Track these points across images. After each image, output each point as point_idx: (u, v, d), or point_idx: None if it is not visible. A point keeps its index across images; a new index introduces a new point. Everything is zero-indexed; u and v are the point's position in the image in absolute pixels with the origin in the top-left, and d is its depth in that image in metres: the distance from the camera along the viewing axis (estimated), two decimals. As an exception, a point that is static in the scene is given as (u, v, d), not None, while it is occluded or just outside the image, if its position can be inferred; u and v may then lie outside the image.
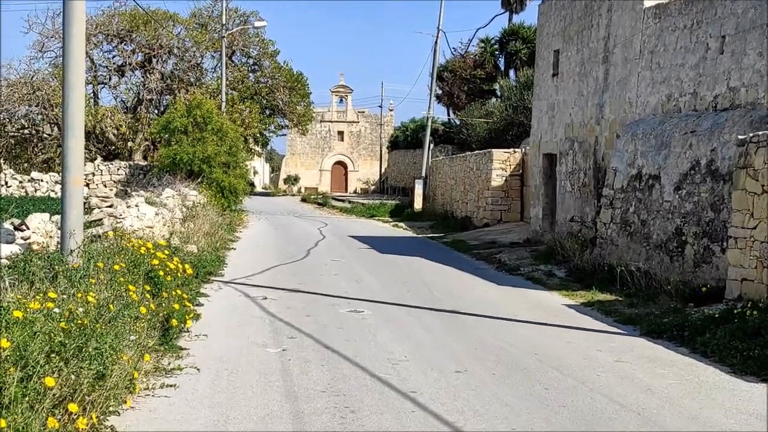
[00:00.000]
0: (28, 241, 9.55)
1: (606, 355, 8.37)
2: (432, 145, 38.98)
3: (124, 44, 37.80)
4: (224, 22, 36.02)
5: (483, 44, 43.39)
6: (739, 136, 10.27)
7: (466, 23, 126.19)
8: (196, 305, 10.47)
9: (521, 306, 11.52)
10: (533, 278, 14.40)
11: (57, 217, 10.06)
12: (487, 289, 13.21)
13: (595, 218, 15.40)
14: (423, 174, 36.44)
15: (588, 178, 16.96)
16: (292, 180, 68.41)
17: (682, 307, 10.55)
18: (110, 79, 38.36)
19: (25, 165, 36.57)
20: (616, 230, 13.87)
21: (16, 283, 6.84)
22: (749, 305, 8.94)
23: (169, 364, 7.38)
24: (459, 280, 14.54)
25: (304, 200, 52.67)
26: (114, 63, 38.10)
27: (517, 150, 26.12)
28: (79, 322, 5.73)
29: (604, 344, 8.92)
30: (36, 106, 35.73)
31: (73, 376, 5.18)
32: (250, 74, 42.45)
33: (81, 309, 6.18)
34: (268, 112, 43.53)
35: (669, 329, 9.34)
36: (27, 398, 4.69)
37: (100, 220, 12.34)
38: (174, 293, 9.04)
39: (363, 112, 72.72)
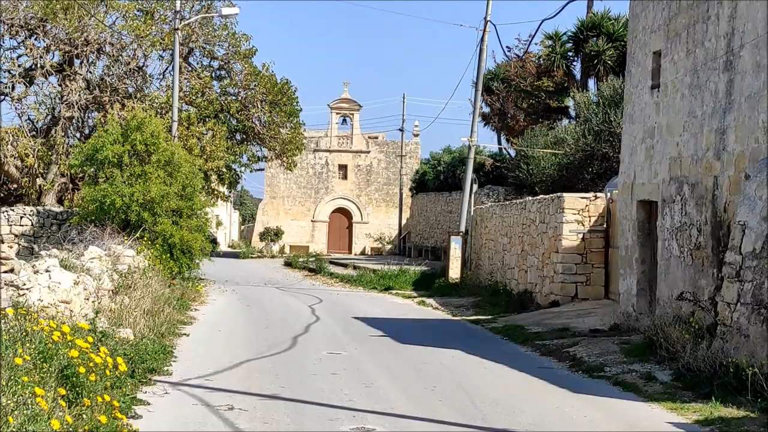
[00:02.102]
0: None
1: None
2: (476, 187, 39.10)
3: (35, 39, 38.35)
4: (178, 8, 36.49)
5: (550, 42, 43.71)
6: None
7: (525, 13, 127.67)
8: (131, 417, 10.44)
9: (606, 424, 11.40)
10: (624, 383, 14.29)
11: (-66, 287, 10.10)
12: (557, 399, 13.10)
13: (714, 296, 15.29)
14: (462, 228, 36.45)
15: (704, 236, 16.90)
16: (272, 235, 68.66)
17: None
18: (13, 88, 38.77)
19: None
20: (746, 314, 13.77)
21: None
22: None
23: (92, 504, 7.35)
24: (514, 384, 14.43)
25: (289, 264, 52.70)
26: (20, 65, 38.62)
27: (599, 195, 26.12)
28: (-36, 441, 5.73)
29: (730, 483, 8.82)
30: None
31: None
32: (215, 83, 42.83)
33: (-34, 422, 6.18)
34: (239, 136, 43.81)
35: (826, 462, 9.22)
36: None
37: (-4, 291, 12.38)
38: (100, 399, 9.02)
39: (376, 137, 73.16)
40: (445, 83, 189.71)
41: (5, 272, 14.70)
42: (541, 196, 29.73)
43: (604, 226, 25.50)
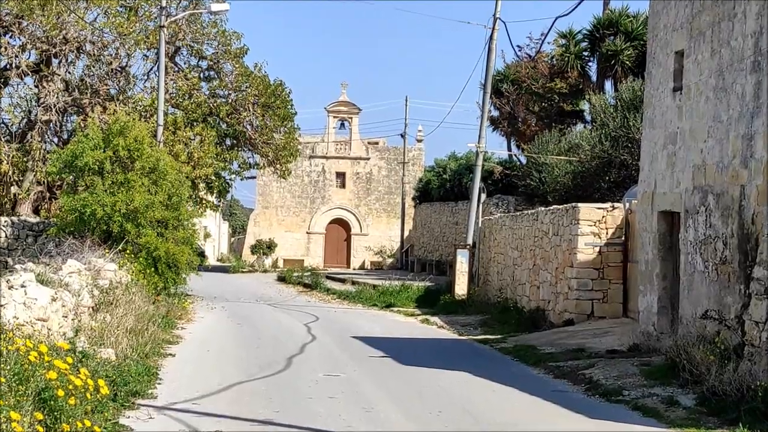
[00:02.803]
0: None
1: None
2: (484, 196, 39.09)
3: (10, 37, 38.38)
4: (164, 4, 36.52)
5: (564, 41, 43.77)
6: None
7: (537, 11, 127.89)
8: (114, 444, 10.44)
9: (626, 452, 11.41)
10: (644, 408, 14.29)
11: None
12: (571, 425, 13.11)
13: (741, 314, 15.29)
14: (469, 240, 36.45)
15: (730, 250, 16.89)
16: (265, 247, 68.66)
17: None
18: (-13, 90, 38.88)
19: None
20: (776, 333, 13.76)
21: None
22: None
23: None
24: (525, 409, 14.42)
25: (282, 279, 52.70)
26: (-7, 65, 38.66)
27: (617, 205, 26.11)
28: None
29: None
30: None
31: None
32: (203, 84, 42.80)
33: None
34: (229, 142, 43.81)
35: None
36: None
37: (-33, 308, 12.38)
38: (80, 425, 9.02)
39: (376, 143, 73.13)
40: (450, 85, 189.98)
41: (-23, 287, 14.69)
42: (554, 206, 29.73)
43: (623, 238, 25.49)
